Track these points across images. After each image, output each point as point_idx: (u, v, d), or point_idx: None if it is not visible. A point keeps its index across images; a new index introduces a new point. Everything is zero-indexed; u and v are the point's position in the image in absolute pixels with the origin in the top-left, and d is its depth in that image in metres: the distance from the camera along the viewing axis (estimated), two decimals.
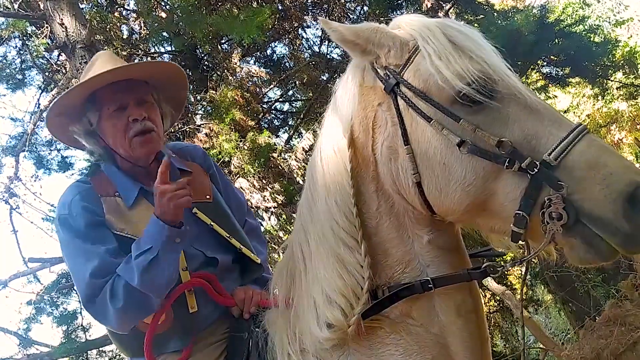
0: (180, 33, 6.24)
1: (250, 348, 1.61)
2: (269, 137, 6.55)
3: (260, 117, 7.44)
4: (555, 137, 1.16)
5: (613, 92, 9.66)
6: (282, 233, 6.70)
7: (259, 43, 6.54)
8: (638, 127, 12.26)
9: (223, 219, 1.92)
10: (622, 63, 8.37)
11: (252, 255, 1.93)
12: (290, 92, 8.71)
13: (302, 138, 7.71)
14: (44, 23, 5.84)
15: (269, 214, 6.60)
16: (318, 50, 7.99)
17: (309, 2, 7.75)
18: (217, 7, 6.67)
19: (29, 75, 7.84)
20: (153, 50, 7.32)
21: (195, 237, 1.82)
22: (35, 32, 6.90)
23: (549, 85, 7.92)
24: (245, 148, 6.04)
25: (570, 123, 1.20)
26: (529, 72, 7.24)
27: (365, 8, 7.60)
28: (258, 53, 7.90)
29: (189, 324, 1.74)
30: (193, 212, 1.84)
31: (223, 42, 7.26)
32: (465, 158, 1.21)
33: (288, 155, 6.87)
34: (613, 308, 6.21)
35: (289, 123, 8.45)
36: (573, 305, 8.75)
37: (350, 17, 7.62)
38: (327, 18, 1.42)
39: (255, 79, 7.78)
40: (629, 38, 11.62)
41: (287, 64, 8.13)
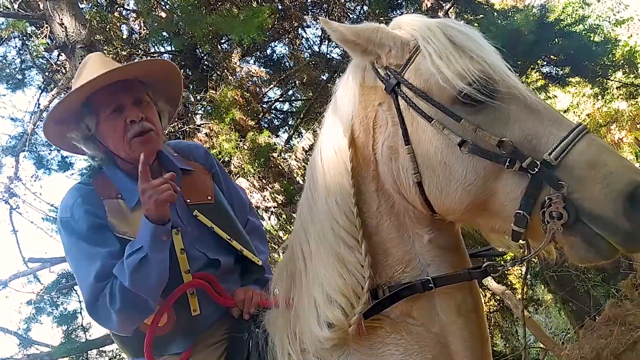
0: (180, 33, 6.24)
1: (251, 348, 1.61)
2: (269, 137, 6.56)
3: (260, 116, 7.45)
4: (556, 136, 1.16)
5: (613, 91, 9.68)
6: (282, 233, 6.71)
7: (259, 43, 6.54)
8: (638, 126, 12.26)
9: (224, 220, 1.92)
10: (622, 62, 8.38)
11: (253, 258, 1.93)
12: (290, 91, 8.71)
13: (302, 138, 7.72)
14: (44, 23, 5.84)
15: (269, 214, 6.61)
16: (318, 50, 8.00)
17: (309, 1, 7.76)
18: (216, 6, 6.67)
19: (29, 75, 7.85)
20: (153, 50, 7.32)
21: (197, 238, 1.82)
22: (35, 32, 6.90)
23: (549, 85, 7.93)
24: (245, 148, 6.04)
25: (570, 123, 1.20)
26: (529, 71, 7.24)
27: (365, 8, 7.61)
28: (258, 53, 7.90)
29: (191, 326, 1.74)
30: (194, 214, 1.83)
31: (223, 41, 7.26)
32: (466, 158, 1.21)
33: (288, 155, 6.88)
34: (613, 308, 6.21)
35: (289, 123, 8.46)
36: (573, 305, 8.76)
37: (350, 16, 7.62)
38: (326, 18, 1.42)
39: (255, 79, 7.79)
40: (629, 37, 11.63)
41: (287, 64, 8.14)
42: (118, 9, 7.30)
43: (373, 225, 1.38)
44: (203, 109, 6.77)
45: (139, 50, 6.95)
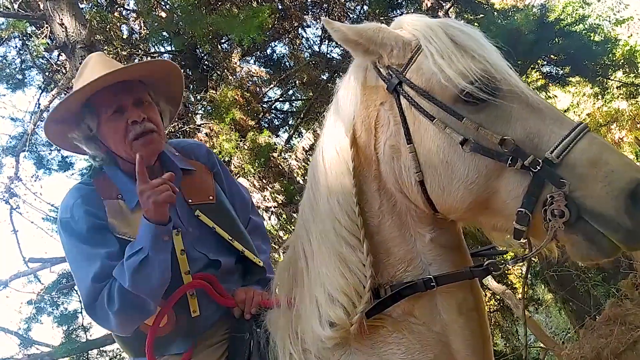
0: (180, 33, 6.24)
1: (252, 348, 1.61)
2: (269, 136, 6.55)
3: (261, 116, 7.45)
4: (557, 135, 1.16)
5: (613, 91, 9.68)
6: (282, 233, 6.70)
7: (259, 42, 6.53)
8: (638, 126, 12.26)
9: (226, 220, 1.91)
10: (622, 62, 8.38)
11: (254, 259, 1.93)
12: (291, 91, 8.71)
13: (302, 138, 7.72)
14: (44, 23, 5.85)
15: (269, 214, 6.61)
16: (318, 50, 7.99)
17: (309, 1, 7.75)
18: (216, 6, 6.67)
19: (29, 75, 7.85)
20: (153, 50, 7.32)
21: (198, 239, 1.82)
22: (35, 32, 6.90)
23: (549, 85, 7.93)
24: (246, 148, 6.04)
25: (572, 121, 1.20)
26: (529, 71, 7.24)
27: (365, 7, 7.60)
28: (258, 52, 7.90)
29: (191, 328, 1.74)
30: (195, 214, 1.83)
31: (223, 41, 7.26)
32: (468, 156, 1.21)
33: (288, 155, 6.87)
34: (613, 307, 6.21)
35: (289, 123, 8.46)
36: (573, 305, 8.76)
37: (350, 16, 7.62)
38: (326, 18, 1.42)
39: (255, 79, 7.79)
40: (629, 37, 11.63)
41: (287, 64, 8.13)
42: (118, 9, 7.30)
43: (375, 225, 1.38)
44: (203, 109, 6.77)
45: (139, 50, 6.95)
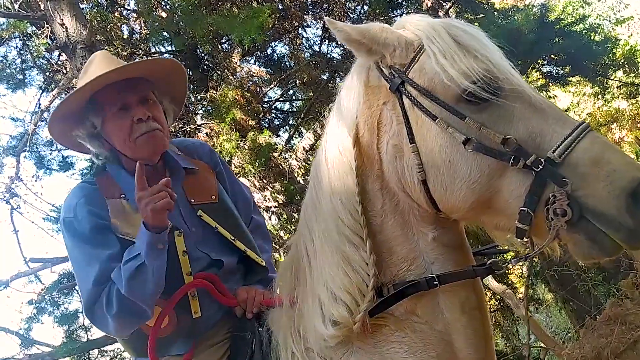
0: (181, 33, 6.24)
1: (254, 347, 1.61)
2: (270, 136, 6.55)
3: (261, 116, 7.45)
4: (559, 134, 1.17)
5: (613, 90, 9.68)
6: (282, 232, 6.70)
7: (259, 42, 6.53)
8: (638, 125, 12.27)
9: (228, 220, 1.91)
10: (622, 62, 8.39)
11: (257, 258, 1.93)
12: (291, 91, 8.71)
13: (302, 137, 7.71)
14: (45, 23, 5.85)
15: (270, 214, 6.60)
16: (318, 50, 7.99)
17: (309, 1, 7.75)
18: (217, 6, 6.66)
19: (30, 76, 7.85)
20: (153, 50, 7.32)
21: (201, 239, 1.82)
22: (36, 32, 6.89)
23: (549, 84, 7.92)
24: (246, 148, 6.04)
25: (574, 121, 1.21)
26: (530, 71, 7.24)
27: (366, 7, 7.60)
28: (258, 52, 7.89)
29: (192, 328, 1.74)
30: (198, 214, 1.83)
31: (223, 41, 7.26)
32: (471, 156, 1.22)
33: (288, 155, 6.87)
34: (614, 307, 6.21)
35: (290, 122, 8.46)
36: (574, 304, 8.75)
37: (351, 16, 7.61)
38: (328, 18, 1.42)
39: (256, 79, 7.79)
40: (629, 37, 11.65)
41: (287, 64, 8.13)
42: (119, 9, 7.30)
43: (377, 224, 1.39)
44: (203, 109, 6.77)
45: (140, 51, 6.95)
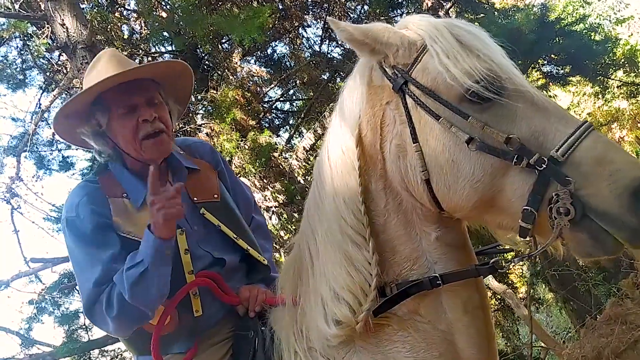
0: (181, 33, 6.23)
1: (257, 346, 1.61)
2: (270, 136, 6.55)
3: (261, 116, 7.44)
4: (562, 133, 1.17)
5: (614, 90, 9.68)
6: (283, 232, 6.70)
7: (260, 42, 6.53)
8: (639, 125, 12.28)
9: (231, 219, 1.92)
10: (622, 61, 8.38)
11: (259, 257, 1.93)
12: (291, 91, 8.70)
13: (303, 137, 7.70)
14: (45, 23, 5.84)
15: (270, 214, 6.60)
16: (319, 50, 7.98)
17: (310, 1, 7.75)
18: (217, 6, 6.66)
19: (30, 76, 7.84)
20: (154, 50, 7.32)
21: (203, 238, 1.82)
22: (36, 32, 6.89)
23: (550, 84, 7.92)
24: (246, 148, 6.04)
25: (577, 120, 1.21)
26: (530, 70, 7.23)
27: (366, 7, 7.60)
28: (259, 52, 7.88)
29: (194, 327, 1.74)
30: (201, 212, 1.84)
31: (224, 41, 7.25)
32: (474, 155, 1.22)
33: (289, 155, 6.87)
34: (614, 307, 6.21)
35: (290, 122, 8.46)
36: (574, 304, 8.75)
37: (351, 16, 7.61)
38: (330, 18, 1.42)
39: (256, 79, 7.79)
40: (630, 36, 11.67)
41: (287, 64, 8.12)
42: (119, 9, 7.30)
43: (380, 223, 1.39)
44: (204, 109, 6.77)
45: (140, 51, 6.95)
